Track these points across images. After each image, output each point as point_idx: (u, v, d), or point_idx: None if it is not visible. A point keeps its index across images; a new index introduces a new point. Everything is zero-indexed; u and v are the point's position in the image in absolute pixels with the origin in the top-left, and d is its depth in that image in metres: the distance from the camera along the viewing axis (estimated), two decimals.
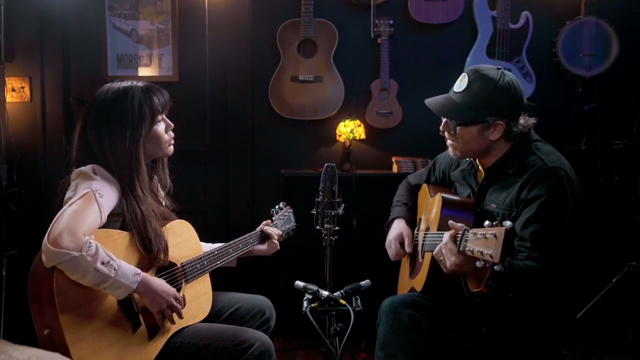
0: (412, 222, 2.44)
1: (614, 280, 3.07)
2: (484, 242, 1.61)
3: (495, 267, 1.59)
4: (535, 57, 3.42)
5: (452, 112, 2.05)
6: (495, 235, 1.58)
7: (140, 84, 1.95)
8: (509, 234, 1.56)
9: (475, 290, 1.80)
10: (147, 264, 1.84)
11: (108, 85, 1.96)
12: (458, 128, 2.04)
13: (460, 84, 2.04)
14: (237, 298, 2.22)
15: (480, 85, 1.99)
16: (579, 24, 3.38)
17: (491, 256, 1.58)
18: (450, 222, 1.81)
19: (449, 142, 2.13)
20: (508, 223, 1.57)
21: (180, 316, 1.88)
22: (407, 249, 2.32)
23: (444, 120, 2.10)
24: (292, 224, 2.47)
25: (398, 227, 2.40)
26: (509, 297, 1.87)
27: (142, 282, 1.74)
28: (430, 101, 2.12)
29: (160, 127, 1.97)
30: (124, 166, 1.87)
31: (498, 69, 2.03)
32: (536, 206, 1.90)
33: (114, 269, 1.67)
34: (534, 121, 2.08)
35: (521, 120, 2.05)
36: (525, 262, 1.86)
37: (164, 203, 2.08)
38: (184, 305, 1.95)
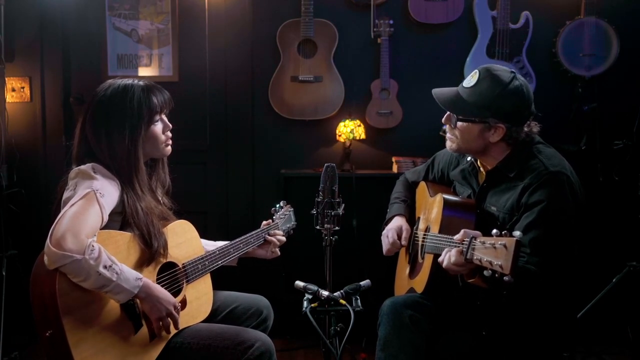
0: (411, 219, 2.43)
1: (614, 280, 3.08)
2: (493, 252, 1.60)
3: (504, 278, 1.57)
4: (535, 57, 3.42)
5: (454, 106, 2.03)
6: (505, 246, 1.56)
7: (141, 82, 1.94)
8: (520, 245, 1.55)
9: (470, 281, 1.80)
10: (147, 260, 1.84)
11: (109, 81, 1.94)
12: (458, 123, 2.03)
13: (471, 79, 2.01)
14: (235, 297, 2.22)
15: (488, 85, 1.97)
16: (579, 24, 3.38)
17: (501, 267, 1.56)
18: (458, 233, 1.80)
19: (447, 135, 2.11)
20: (518, 233, 1.56)
21: (176, 327, 1.87)
22: (404, 242, 2.29)
23: (447, 112, 2.08)
24: (293, 222, 2.46)
25: (397, 222, 2.37)
26: (503, 294, 1.87)
27: (143, 287, 1.74)
28: (437, 91, 2.10)
29: (158, 127, 1.95)
30: (122, 164, 1.86)
31: (512, 72, 2.00)
32: (536, 212, 1.89)
33: (116, 273, 1.66)
34: (538, 129, 2.05)
35: (525, 129, 2.01)
36: (525, 265, 1.85)
37: (162, 202, 2.06)
38: (185, 306, 1.95)
